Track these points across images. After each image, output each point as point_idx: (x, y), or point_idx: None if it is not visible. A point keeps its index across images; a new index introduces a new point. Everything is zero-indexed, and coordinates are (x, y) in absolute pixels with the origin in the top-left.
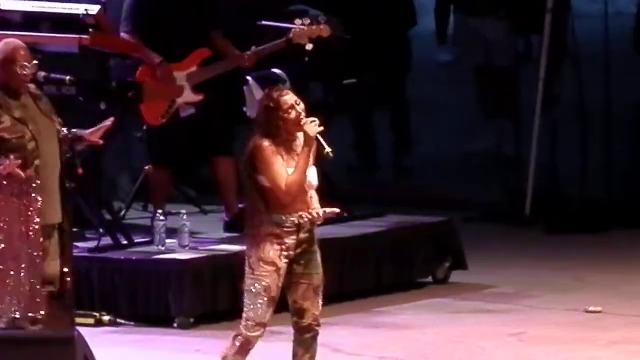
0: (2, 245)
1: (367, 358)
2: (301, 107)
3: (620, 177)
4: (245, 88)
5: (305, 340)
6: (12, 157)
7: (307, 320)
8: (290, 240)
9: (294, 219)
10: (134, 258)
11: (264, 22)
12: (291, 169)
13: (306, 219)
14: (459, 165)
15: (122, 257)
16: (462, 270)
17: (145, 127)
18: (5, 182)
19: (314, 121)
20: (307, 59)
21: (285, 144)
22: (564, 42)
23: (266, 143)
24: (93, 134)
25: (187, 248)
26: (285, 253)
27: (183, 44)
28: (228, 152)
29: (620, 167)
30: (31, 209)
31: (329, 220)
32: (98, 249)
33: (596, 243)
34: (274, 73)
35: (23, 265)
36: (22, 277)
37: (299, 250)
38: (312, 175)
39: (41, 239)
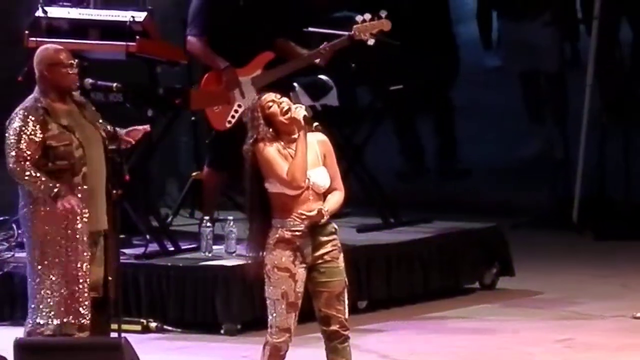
0: (49, 252)
1: None
2: (284, 101)
3: None
4: (291, 94)
5: (335, 346)
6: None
7: (334, 327)
8: (306, 247)
9: (298, 220)
10: (180, 264)
11: (310, 29)
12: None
13: (304, 217)
14: (506, 170)
15: (169, 264)
16: (509, 276)
17: (213, 132)
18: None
19: (298, 106)
20: (353, 65)
21: (285, 140)
22: (612, 48)
23: (260, 145)
24: (129, 134)
25: (234, 254)
26: (300, 259)
27: (248, 49)
28: None
29: None
30: (77, 216)
31: (376, 227)
32: (145, 255)
33: None
34: (320, 79)
35: (69, 272)
36: (68, 284)
37: (317, 256)
38: (320, 177)
39: (87, 246)
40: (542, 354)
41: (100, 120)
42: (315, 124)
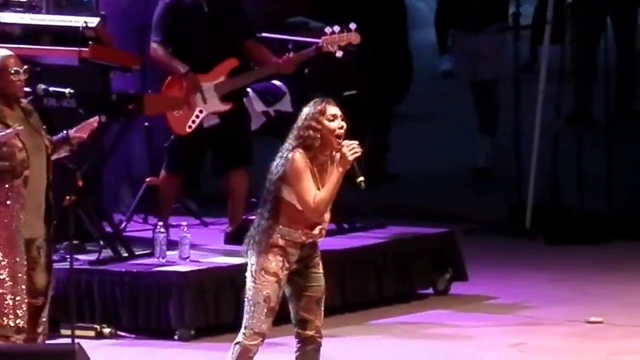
0: None
1: None
2: (344, 125)
3: (620, 189)
4: (245, 100)
5: (307, 352)
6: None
7: (310, 332)
8: (293, 254)
9: (299, 235)
10: (134, 270)
11: (264, 34)
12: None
13: (311, 239)
14: (458, 177)
15: (123, 270)
16: (463, 281)
17: (172, 137)
18: None
19: (354, 145)
20: (306, 70)
21: (317, 161)
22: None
23: (299, 156)
24: (78, 131)
25: (187, 260)
26: (287, 265)
27: (212, 54)
28: (246, 164)
29: (620, 179)
30: (15, 220)
31: (330, 232)
32: (99, 261)
33: (596, 254)
34: (274, 85)
35: (7, 274)
36: (7, 286)
37: (300, 261)
38: None
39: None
40: (496, 359)
41: (43, 130)
42: (360, 179)
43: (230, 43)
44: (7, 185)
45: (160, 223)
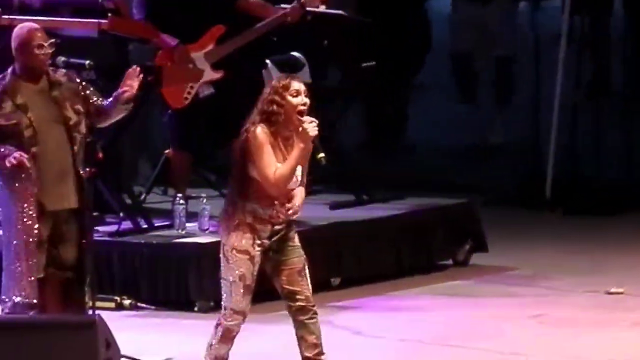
0: (11, 231)
1: (387, 341)
2: (307, 100)
3: (638, 159)
4: (263, 72)
5: (303, 322)
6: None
7: (300, 303)
8: (264, 231)
9: (270, 212)
10: (154, 242)
11: (283, 5)
12: (280, 163)
13: (281, 218)
14: (477, 148)
15: (142, 241)
16: (483, 252)
17: (169, 111)
18: (5, 168)
19: (313, 121)
20: (325, 42)
21: (281, 136)
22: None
23: (260, 130)
24: (123, 85)
25: (207, 231)
26: (258, 241)
27: (197, 24)
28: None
29: (639, 149)
30: (27, 195)
31: (349, 204)
32: (118, 233)
33: (616, 225)
34: (293, 56)
35: (20, 251)
36: (19, 263)
37: (274, 239)
38: (300, 173)
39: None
40: (516, 330)
41: (70, 101)
42: (321, 155)
43: (214, 10)
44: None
45: (180, 195)
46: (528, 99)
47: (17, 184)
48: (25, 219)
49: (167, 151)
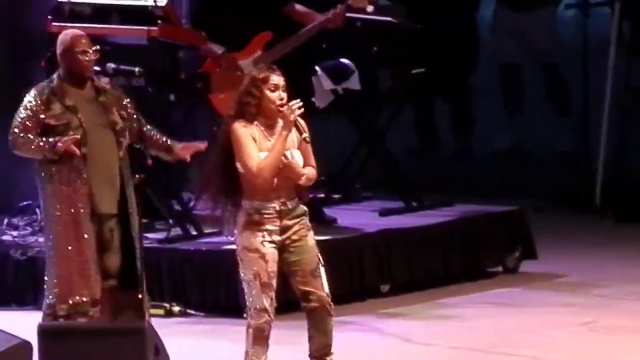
0: (59, 230)
1: (437, 348)
2: (284, 95)
3: None
4: (313, 78)
5: (315, 322)
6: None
7: (313, 303)
8: (273, 227)
9: (274, 205)
10: (203, 248)
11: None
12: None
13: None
14: (527, 153)
15: (192, 248)
16: (532, 259)
17: (219, 119)
18: (54, 169)
19: (294, 104)
20: (375, 48)
21: (264, 125)
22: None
23: (239, 125)
24: (184, 150)
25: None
26: (268, 238)
27: (245, 31)
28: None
29: None
30: (78, 196)
31: (398, 210)
32: (167, 239)
33: None
34: (342, 63)
35: (75, 250)
36: (75, 262)
37: (285, 237)
38: (298, 156)
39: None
40: (566, 337)
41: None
42: (305, 135)
43: (266, 16)
44: (67, 164)
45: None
46: (577, 104)
47: (69, 184)
48: (77, 219)
49: None
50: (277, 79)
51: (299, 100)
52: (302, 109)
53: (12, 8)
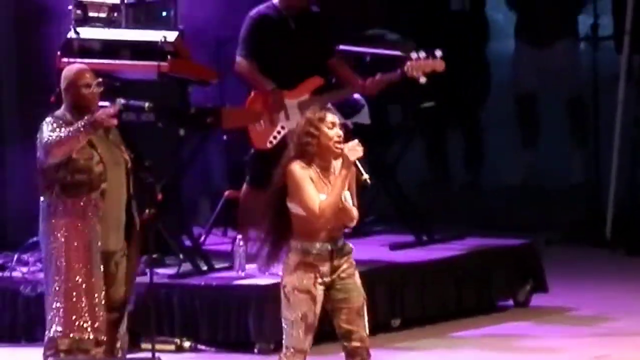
0: (68, 264)
1: None
2: (341, 132)
3: None
4: None
5: None
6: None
7: (355, 343)
8: (324, 267)
9: (327, 246)
10: (214, 284)
11: (342, 47)
12: (324, 195)
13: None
14: (538, 186)
15: (202, 283)
16: (543, 292)
17: (252, 150)
18: (70, 203)
19: (355, 145)
20: None
21: (319, 166)
22: None
23: (298, 166)
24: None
25: (266, 273)
26: (319, 280)
27: (297, 71)
28: None
29: None
30: (92, 232)
31: (409, 244)
32: (178, 274)
33: None
34: (353, 98)
35: (84, 286)
36: (82, 296)
37: (334, 276)
38: (349, 198)
39: (99, 264)
40: None
41: (123, 145)
42: (365, 177)
43: (314, 60)
44: (84, 198)
45: (240, 236)
46: (589, 138)
47: (84, 219)
48: (90, 258)
49: (227, 192)
50: (332, 117)
51: (357, 140)
52: (361, 152)
53: (21, 44)
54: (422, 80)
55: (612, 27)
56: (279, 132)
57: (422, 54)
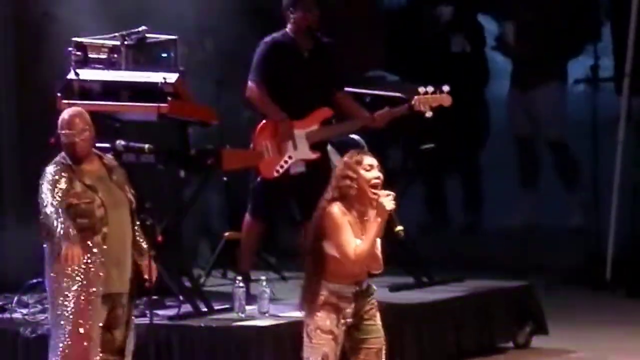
0: (70, 308)
1: None
2: (380, 174)
3: None
4: None
5: None
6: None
7: None
8: (348, 309)
9: (352, 288)
10: (214, 325)
11: (347, 89)
12: (359, 239)
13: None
14: (537, 229)
15: (202, 324)
16: (543, 334)
17: (258, 179)
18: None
19: (390, 194)
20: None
21: (357, 211)
22: None
23: (337, 209)
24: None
25: (267, 314)
26: (342, 321)
27: (307, 101)
28: None
29: None
30: (93, 277)
31: (409, 286)
32: (178, 316)
33: None
34: (352, 139)
35: (83, 330)
36: (84, 342)
37: (357, 317)
38: (378, 247)
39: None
40: None
41: (127, 186)
42: (400, 229)
43: (324, 91)
44: (86, 242)
45: (239, 277)
46: (588, 180)
47: (86, 263)
48: (91, 301)
49: (227, 234)
50: (370, 159)
51: (392, 192)
52: (394, 205)
53: (21, 84)
54: (429, 114)
55: (613, 69)
56: (285, 162)
57: (430, 89)
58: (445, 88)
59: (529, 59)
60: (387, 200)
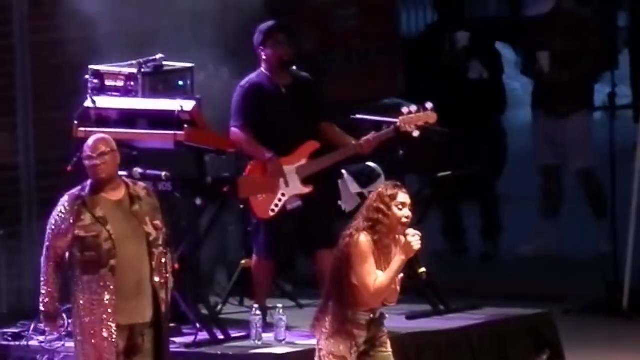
0: (84, 339)
1: None
2: (410, 213)
3: None
4: (339, 182)
5: None
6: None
7: None
8: (361, 337)
9: (367, 316)
10: (230, 353)
11: (358, 116)
12: (381, 272)
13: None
14: (554, 257)
15: (219, 352)
16: None
17: (255, 221)
18: (86, 279)
19: (417, 234)
20: (401, 152)
21: (381, 243)
22: None
23: (365, 239)
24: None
25: (283, 342)
26: (355, 348)
27: (292, 136)
28: (332, 245)
29: None
30: (107, 309)
31: (425, 314)
32: (195, 344)
33: None
34: (369, 167)
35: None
36: None
37: (369, 344)
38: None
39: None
40: None
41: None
42: (422, 270)
43: (308, 125)
44: (95, 275)
45: (256, 305)
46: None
47: (98, 295)
48: (103, 334)
49: (243, 261)
50: (404, 196)
51: (419, 233)
52: (420, 245)
53: (39, 111)
54: (416, 134)
55: (631, 96)
56: (279, 200)
57: (413, 108)
58: (429, 105)
59: (561, 86)
60: (415, 240)
